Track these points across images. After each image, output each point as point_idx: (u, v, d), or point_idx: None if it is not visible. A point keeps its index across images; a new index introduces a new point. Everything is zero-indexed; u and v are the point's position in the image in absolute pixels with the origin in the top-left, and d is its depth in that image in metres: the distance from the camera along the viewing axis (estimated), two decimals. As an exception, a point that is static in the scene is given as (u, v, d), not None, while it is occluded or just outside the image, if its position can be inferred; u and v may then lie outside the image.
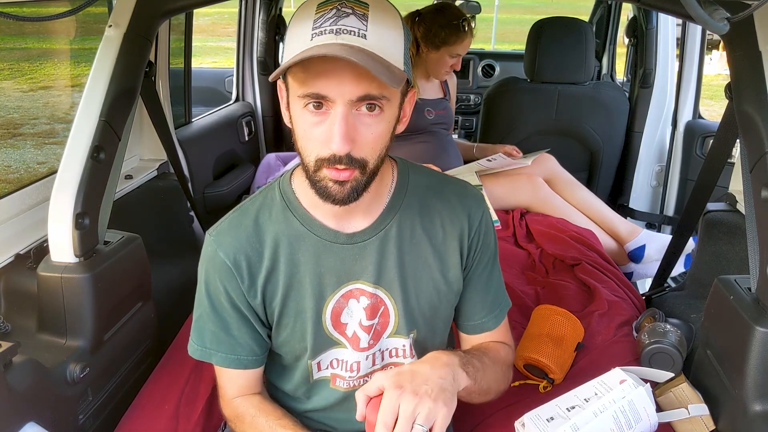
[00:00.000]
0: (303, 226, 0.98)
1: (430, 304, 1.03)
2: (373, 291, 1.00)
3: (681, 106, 2.55)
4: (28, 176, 5.00)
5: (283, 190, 1.01)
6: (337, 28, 0.81)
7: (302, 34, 0.83)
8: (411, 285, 1.01)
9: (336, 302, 1.00)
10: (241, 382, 1.05)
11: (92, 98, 1.33)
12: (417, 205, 1.02)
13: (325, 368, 1.05)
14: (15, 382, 1.04)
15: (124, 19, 1.36)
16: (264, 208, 1.00)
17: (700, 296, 1.61)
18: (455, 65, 2.31)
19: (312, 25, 0.82)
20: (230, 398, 1.06)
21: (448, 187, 1.05)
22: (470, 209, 1.04)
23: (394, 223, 1.00)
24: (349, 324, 1.01)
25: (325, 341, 1.02)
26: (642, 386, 1.10)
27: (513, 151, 2.52)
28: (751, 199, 1.18)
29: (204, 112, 2.58)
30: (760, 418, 1.07)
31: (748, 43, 1.15)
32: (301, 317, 1.00)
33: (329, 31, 0.81)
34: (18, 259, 1.36)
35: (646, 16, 2.69)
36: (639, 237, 2.28)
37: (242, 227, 0.99)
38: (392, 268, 1.00)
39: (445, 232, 1.02)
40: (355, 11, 0.82)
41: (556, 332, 1.45)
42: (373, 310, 1.01)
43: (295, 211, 0.99)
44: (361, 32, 0.82)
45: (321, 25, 0.82)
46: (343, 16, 0.82)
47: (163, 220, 1.95)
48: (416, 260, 1.01)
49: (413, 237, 1.01)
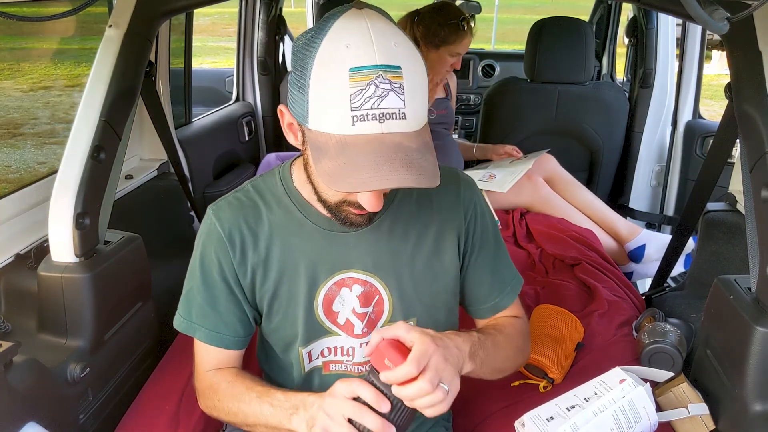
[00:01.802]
0: (301, 213, 1.01)
1: (429, 290, 1.04)
2: (366, 279, 1.01)
3: (681, 106, 2.55)
4: (29, 176, 5.00)
5: (283, 177, 1.03)
6: (380, 114, 0.79)
7: (340, 111, 0.79)
8: (406, 273, 1.02)
9: (328, 290, 1.01)
10: (220, 358, 1.06)
11: (92, 98, 1.33)
12: (412, 193, 1.03)
13: (317, 357, 1.06)
14: (15, 382, 1.04)
15: (124, 19, 1.36)
16: (265, 193, 1.03)
17: (700, 296, 1.61)
18: (455, 64, 2.30)
19: (350, 102, 0.79)
20: (204, 371, 1.06)
21: (442, 175, 1.07)
22: (463, 194, 1.06)
23: (390, 212, 1.02)
24: (341, 312, 1.02)
25: (316, 329, 1.03)
26: (642, 386, 1.10)
27: (513, 152, 2.52)
28: (751, 199, 1.18)
29: (204, 112, 2.58)
30: (760, 417, 1.07)
31: (748, 43, 1.15)
32: (293, 303, 1.01)
33: (372, 117, 0.79)
34: (18, 259, 1.36)
35: (646, 16, 2.69)
36: (639, 237, 2.28)
37: (241, 206, 1.01)
38: (387, 257, 1.01)
39: (441, 219, 1.04)
40: (392, 85, 0.79)
41: (556, 332, 1.45)
42: (366, 298, 1.02)
43: (294, 198, 1.01)
44: (402, 112, 0.80)
45: (361, 107, 0.79)
46: (383, 96, 0.79)
47: (164, 220, 1.95)
48: (412, 248, 1.02)
49: (408, 225, 1.02)
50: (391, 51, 0.81)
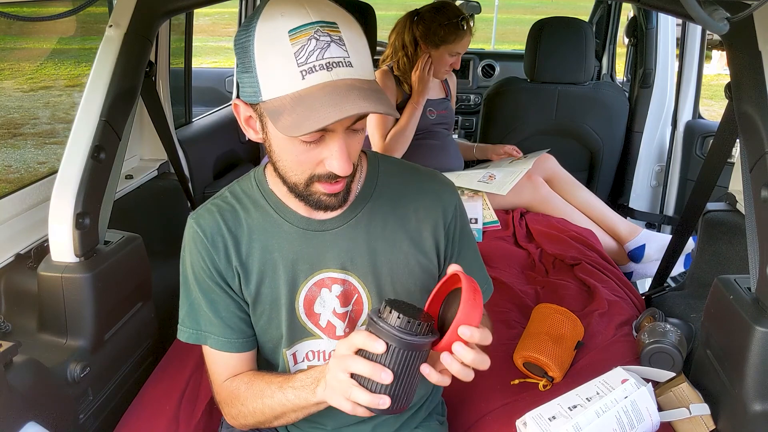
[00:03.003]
0: (277, 213, 1.01)
1: (406, 289, 1.04)
2: (344, 277, 1.01)
3: (681, 106, 2.56)
4: (29, 176, 5.00)
5: (258, 180, 1.04)
6: (326, 63, 0.80)
7: (288, 70, 0.81)
8: (385, 272, 1.02)
9: (308, 290, 1.01)
10: (234, 364, 1.05)
11: (92, 98, 1.33)
12: (388, 193, 1.03)
13: (301, 361, 1.06)
14: (15, 381, 1.04)
15: (125, 19, 1.36)
16: (242, 196, 1.03)
17: (700, 296, 1.61)
18: (454, 64, 2.31)
19: (295, 59, 0.80)
20: (221, 382, 1.06)
21: (418, 175, 1.08)
22: (443, 197, 1.06)
23: (366, 210, 1.02)
24: (323, 314, 1.03)
25: (299, 330, 1.03)
26: (644, 386, 1.10)
27: (513, 152, 2.52)
28: (751, 199, 1.18)
29: (204, 112, 2.58)
30: (760, 417, 1.07)
31: (748, 43, 1.15)
32: (275, 304, 1.02)
33: (320, 67, 0.80)
34: (18, 259, 1.36)
35: (646, 16, 2.69)
36: (639, 237, 2.28)
37: (220, 212, 1.01)
38: (364, 255, 1.01)
39: (419, 218, 1.04)
40: (332, 37, 0.81)
41: (555, 331, 1.45)
42: (346, 296, 1.02)
43: (269, 199, 1.02)
44: (347, 60, 0.82)
45: (306, 60, 0.80)
46: (325, 48, 0.81)
47: (163, 220, 1.95)
48: (389, 247, 1.02)
49: (386, 224, 1.02)
50: (323, 10, 0.83)
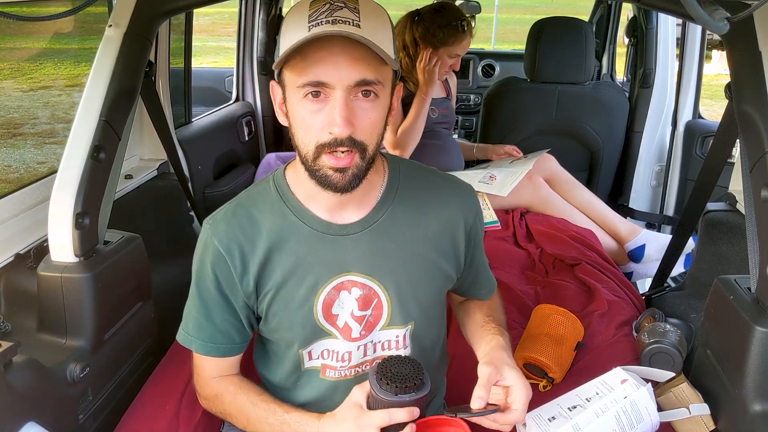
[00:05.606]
0: (296, 217, 1.00)
1: (426, 294, 1.05)
2: (364, 282, 1.01)
3: (681, 106, 2.56)
4: (29, 176, 5.00)
5: (278, 183, 1.03)
6: (332, 19, 0.85)
7: (298, 28, 0.87)
8: (404, 277, 1.02)
9: (327, 294, 1.01)
10: (220, 366, 1.08)
11: (92, 98, 1.33)
12: (410, 198, 1.04)
13: (317, 358, 1.06)
14: (15, 381, 1.04)
15: (124, 19, 1.36)
16: (258, 200, 1.03)
17: (700, 296, 1.61)
18: (454, 65, 2.31)
19: (307, 19, 0.87)
20: (208, 378, 1.09)
21: (439, 180, 1.09)
22: (464, 202, 1.07)
23: (387, 215, 1.02)
24: (341, 315, 1.02)
25: (316, 331, 1.03)
26: (644, 386, 1.10)
27: (513, 151, 2.52)
28: (751, 199, 1.18)
29: (204, 112, 2.58)
30: (760, 417, 1.07)
31: (748, 43, 1.15)
32: (292, 307, 1.02)
33: (325, 22, 0.85)
34: (18, 259, 1.36)
35: (646, 16, 2.69)
36: (639, 237, 2.28)
37: (237, 217, 1.01)
38: (385, 259, 1.01)
39: (440, 224, 1.04)
40: (347, 5, 0.87)
41: (555, 331, 1.45)
42: (365, 301, 1.02)
43: (289, 202, 1.01)
44: (355, 22, 0.86)
45: (317, 18, 0.86)
46: (337, 9, 0.86)
47: (163, 220, 1.95)
48: (410, 252, 1.02)
49: (406, 229, 1.02)
50: None
